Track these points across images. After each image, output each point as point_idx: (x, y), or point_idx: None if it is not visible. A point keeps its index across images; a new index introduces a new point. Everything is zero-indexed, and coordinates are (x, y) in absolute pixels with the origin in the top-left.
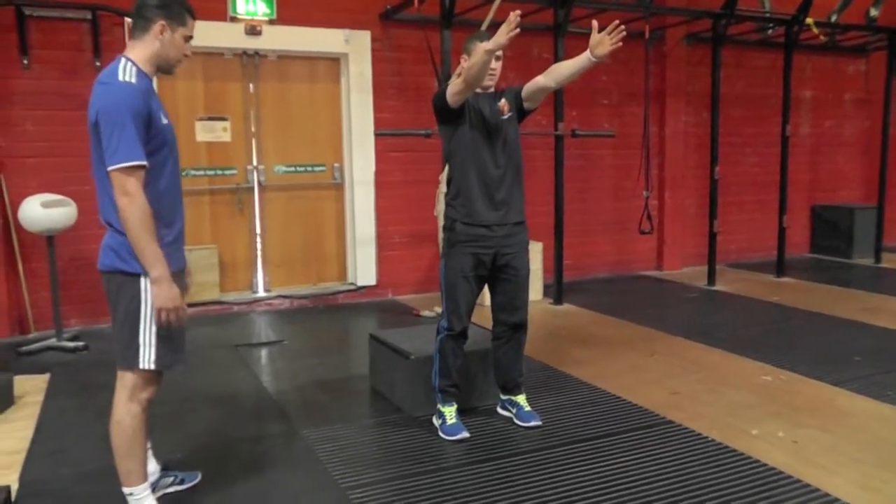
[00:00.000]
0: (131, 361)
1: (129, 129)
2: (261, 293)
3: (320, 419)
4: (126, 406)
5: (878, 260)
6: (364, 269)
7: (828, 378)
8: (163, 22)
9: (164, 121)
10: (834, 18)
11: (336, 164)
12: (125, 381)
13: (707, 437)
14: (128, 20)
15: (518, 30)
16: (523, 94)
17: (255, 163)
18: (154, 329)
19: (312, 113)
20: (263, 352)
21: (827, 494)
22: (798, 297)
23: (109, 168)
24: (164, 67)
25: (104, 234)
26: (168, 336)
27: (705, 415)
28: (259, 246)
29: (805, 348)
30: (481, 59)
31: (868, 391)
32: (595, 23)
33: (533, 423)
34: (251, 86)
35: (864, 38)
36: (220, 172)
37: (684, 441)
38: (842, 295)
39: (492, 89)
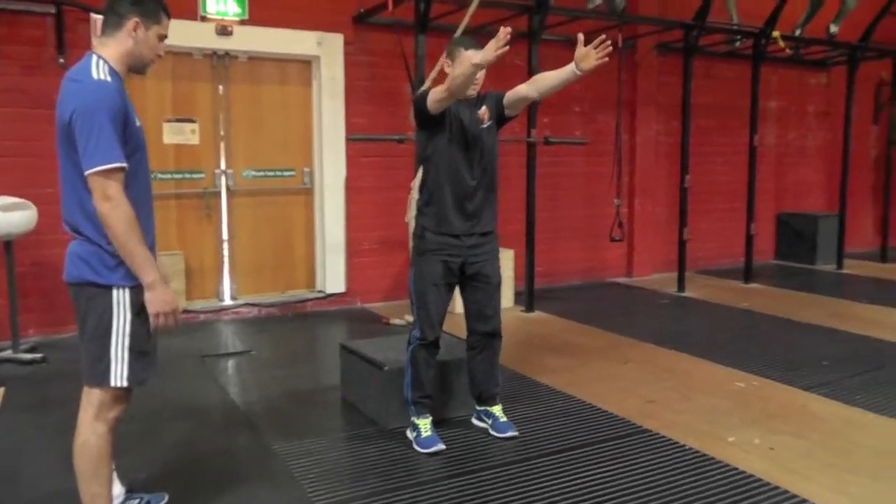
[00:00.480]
0: (101, 378)
1: (107, 129)
2: (227, 301)
3: (291, 432)
4: (92, 425)
5: (840, 266)
6: (333, 277)
7: (799, 383)
8: (137, 19)
9: (137, 123)
10: (798, 33)
11: (306, 169)
12: (92, 399)
13: (684, 446)
14: (94, 16)
15: (507, 47)
16: (505, 101)
17: (223, 166)
18: (127, 343)
19: (283, 116)
20: (231, 362)
21: (804, 500)
22: (766, 302)
23: (88, 171)
24: (136, 67)
25: (69, 240)
26: (142, 350)
27: (681, 423)
28: (226, 252)
29: (775, 354)
30: (468, 72)
31: (838, 396)
32: (581, 36)
33: (509, 434)
34: (221, 87)
35: (825, 52)
36: (187, 176)
37: (662, 450)
38: (808, 301)
39: (473, 96)
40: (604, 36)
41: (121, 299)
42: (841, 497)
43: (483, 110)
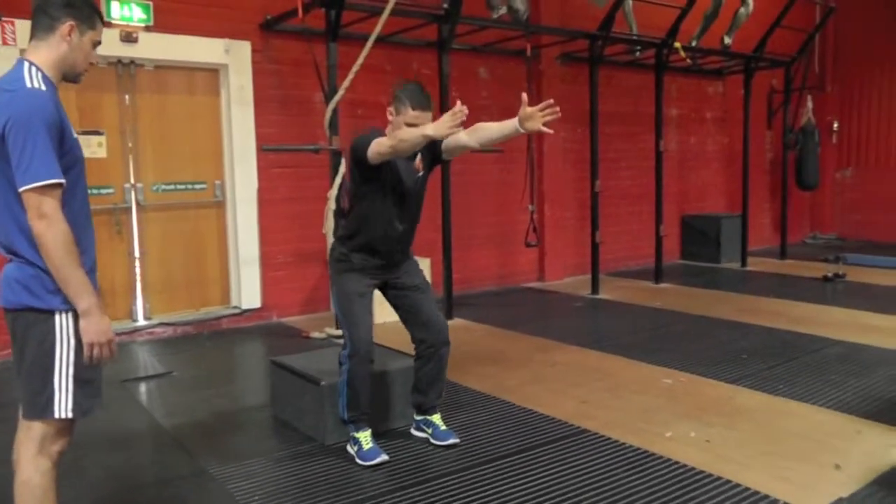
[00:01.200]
0: (43, 410)
1: (42, 142)
2: (141, 321)
3: (228, 455)
4: (34, 461)
5: (744, 264)
6: (248, 292)
7: (723, 377)
8: (72, 22)
9: (74, 135)
10: (694, 44)
11: (217, 182)
12: (33, 433)
13: (624, 444)
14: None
15: (463, 121)
16: (443, 146)
17: (132, 181)
18: (71, 372)
19: (192, 127)
20: (153, 385)
21: (747, 488)
22: (678, 301)
23: (22, 188)
24: (69, 75)
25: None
26: (87, 378)
27: (617, 421)
28: (138, 270)
29: (695, 350)
30: (417, 141)
31: (761, 387)
32: (524, 96)
33: (451, 441)
34: (127, 97)
35: (721, 62)
36: (95, 192)
37: (603, 449)
38: (717, 297)
39: None
40: (551, 101)
41: (63, 324)
42: (780, 483)
43: (418, 160)
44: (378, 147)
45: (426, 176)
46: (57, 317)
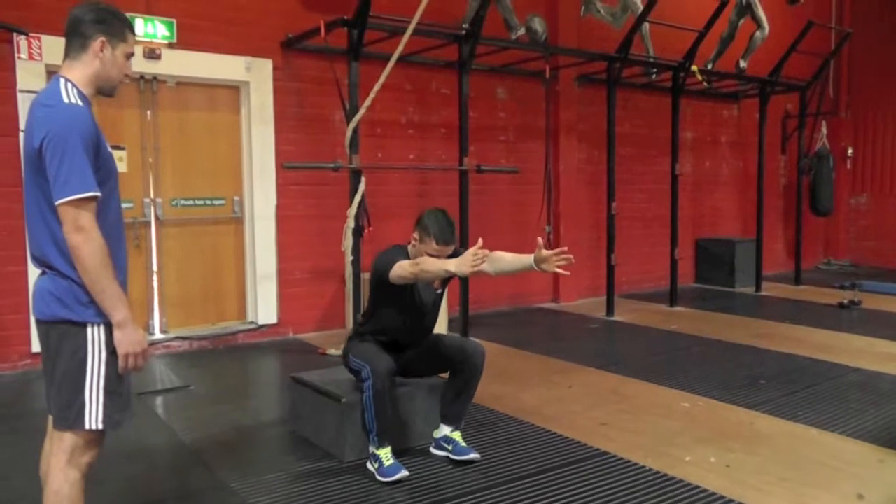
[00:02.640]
0: (74, 421)
1: (79, 156)
2: (157, 335)
3: (247, 469)
4: (64, 472)
5: (758, 288)
6: (265, 307)
7: (742, 402)
8: (103, 38)
9: (109, 149)
10: (710, 67)
11: (236, 198)
12: (64, 444)
13: (645, 467)
14: (19, 36)
15: (484, 262)
16: None
17: (152, 195)
18: (102, 384)
19: (212, 143)
20: (170, 399)
21: None
22: (693, 325)
23: (59, 201)
24: (104, 89)
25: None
26: (117, 391)
27: (637, 444)
28: (156, 284)
29: (712, 374)
30: (439, 274)
31: (780, 413)
32: (540, 240)
33: (471, 456)
34: (149, 113)
35: (736, 86)
36: None
37: (624, 472)
38: (732, 322)
39: None
40: (566, 248)
41: (96, 337)
42: None
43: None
44: (400, 271)
45: (443, 293)
46: (89, 329)
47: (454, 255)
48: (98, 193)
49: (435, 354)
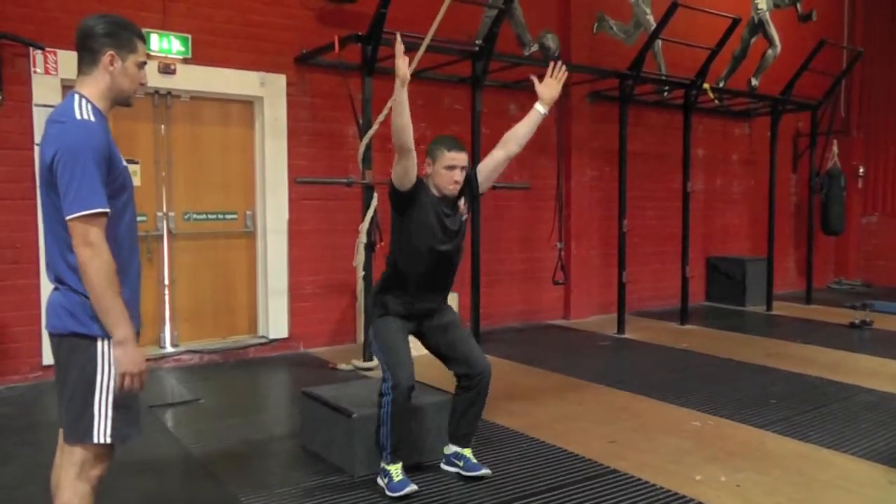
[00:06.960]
0: (83, 435)
1: (90, 172)
2: (168, 348)
3: (258, 483)
4: (74, 485)
5: (769, 308)
6: (276, 321)
7: (752, 421)
8: (111, 52)
9: (123, 163)
10: (722, 84)
11: (248, 212)
12: (73, 457)
13: (655, 485)
14: (35, 50)
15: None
16: (480, 177)
17: (164, 209)
18: (111, 398)
19: (225, 158)
20: (180, 412)
21: None
22: (704, 343)
23: (69, 217)
24: (120, 101)
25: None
26: (126, 405)
27: (647, 462)
28: (167, 297)
29: (723, 393)
30: (396, 97)
31: (791, 433)
32: (534, 77)
33: (482, 472)
34: (163, 127)
35: (748, 104)
36: None
37: (634, 490)
38: (744, 341)
39: (454, 194)
40: (561, 62)
41: (106, 351)
42: None
43: (462, 203)
44: (395, 156)
45: (469, 213)
46: (99, 343)
47: (467, 178)
48: (107, 210)
49: (451, 352)
